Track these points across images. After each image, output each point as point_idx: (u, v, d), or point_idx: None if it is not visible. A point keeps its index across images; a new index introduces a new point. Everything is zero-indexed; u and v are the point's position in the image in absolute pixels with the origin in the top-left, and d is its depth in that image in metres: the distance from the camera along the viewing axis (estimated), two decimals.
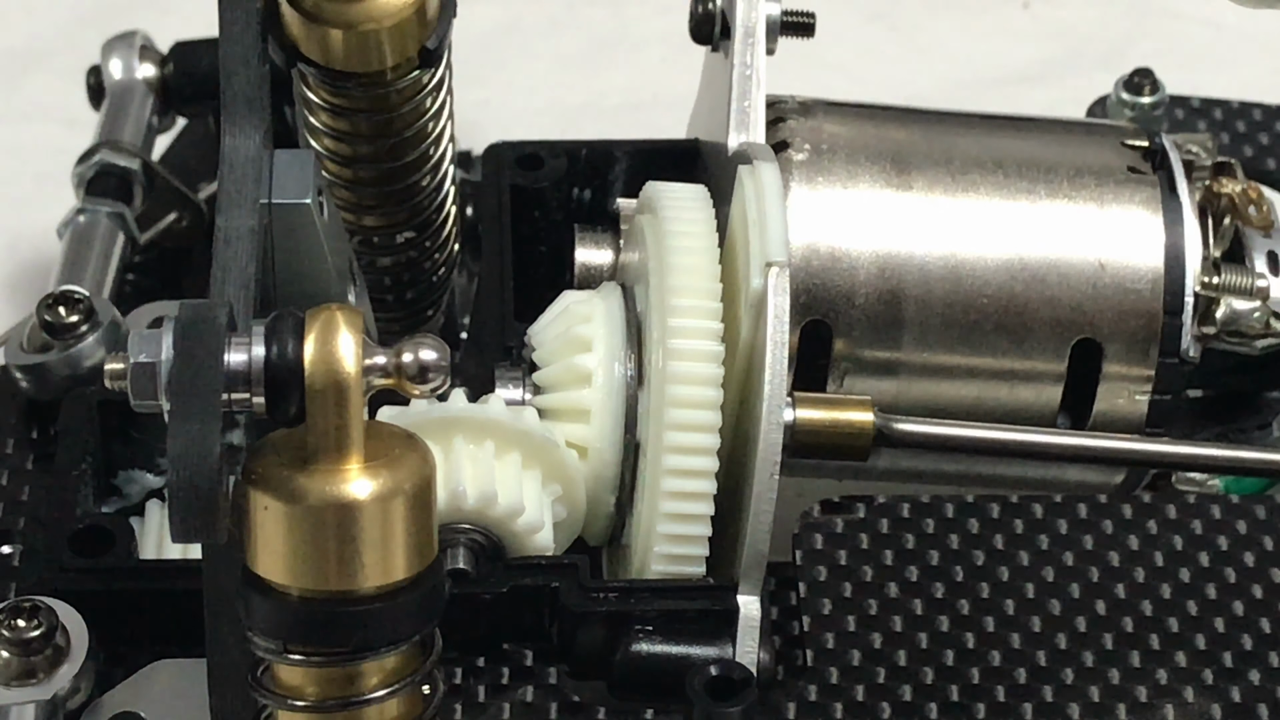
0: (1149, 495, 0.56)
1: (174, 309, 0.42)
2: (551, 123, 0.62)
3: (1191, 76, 0.62)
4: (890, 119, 0.58)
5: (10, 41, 0.78)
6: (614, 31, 0.78)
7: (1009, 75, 0.75)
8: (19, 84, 0.76)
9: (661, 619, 0.51)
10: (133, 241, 0.64)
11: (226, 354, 0.41)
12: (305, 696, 0.44)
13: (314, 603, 0.43)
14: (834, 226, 0.56)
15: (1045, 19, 0.79)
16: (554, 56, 0.77)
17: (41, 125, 0.72)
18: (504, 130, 0.62)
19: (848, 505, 0.55)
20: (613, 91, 0.71)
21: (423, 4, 0.54)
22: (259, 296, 0.47)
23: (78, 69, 0.68)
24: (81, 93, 0.68)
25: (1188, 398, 0.57)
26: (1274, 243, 0.58)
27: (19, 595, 0.51)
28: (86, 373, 0.56)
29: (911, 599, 0.53)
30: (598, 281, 0.57)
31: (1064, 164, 0.57)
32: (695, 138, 0.60)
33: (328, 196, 0.51)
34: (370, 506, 0.42)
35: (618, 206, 0.59)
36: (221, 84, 0.50)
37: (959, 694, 0.52)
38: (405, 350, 0.41)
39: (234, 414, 0.41)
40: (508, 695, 0.51)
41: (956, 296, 0.56)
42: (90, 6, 0.77)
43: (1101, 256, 0.56)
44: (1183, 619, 0.53)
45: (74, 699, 0.51)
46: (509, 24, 0.74)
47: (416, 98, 0.56)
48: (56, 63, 0.74)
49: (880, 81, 0.60)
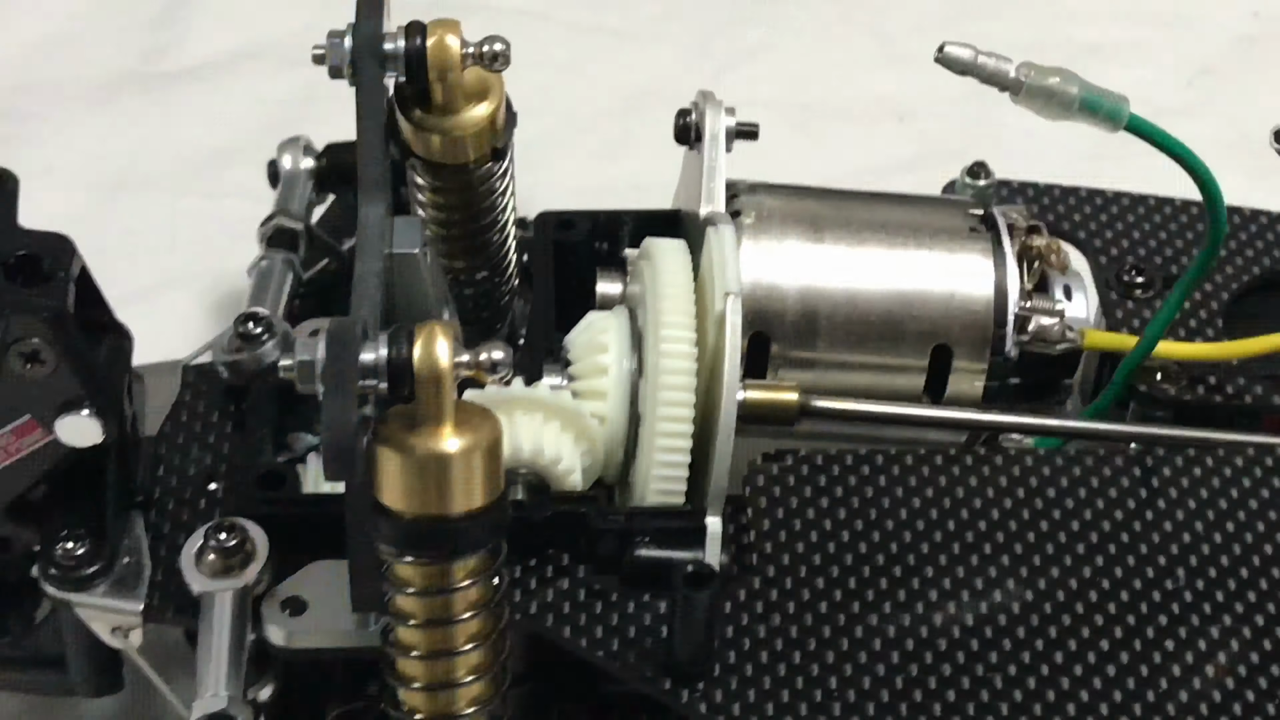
0: (984, 450, 0.58)
1: (326, 324, 0.44)
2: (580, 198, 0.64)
3: (1012, 166, 0.65)
4: (808, 195, 0.61)
5: (218, 143, 0.80)
6: (622, 138, 0.81)
7: (889, 166, 0.78)
8: (224, 172, 0.78)
9: (655, 533, 0.53)
10: (298, 278, 0.66)
11: (361, 354, 0.43)
12: (414, 586, 0.46)
13: (420, 522, 0.44)
14: (771, 268, 0.58)
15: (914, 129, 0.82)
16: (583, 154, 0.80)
17: (238, 200, 0.74)
18: (548, 203, 0.63)
19: (780, 455, 0.57)
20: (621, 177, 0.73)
21: (494, 117, 0.56)
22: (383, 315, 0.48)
23: (261, 161, 0.70)
24: (264, 178, 0.70)
25: (1010, 383, 0.59)
26: (1067, 279, 0.60)
27: (222, 517, 0.53)
28: (267, 367, 0.57)
29: (825, 518, 0.55)
30: (612, 306, 0.59)
31: (926, 225, 0.59)
32: (678, 208, 0.62)
33: (430, 248, 0.52)
34: (458, 457, 0.43)
35: (625, 254, 0.61)
36: (358, 172, 0.52)
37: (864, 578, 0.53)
38: (482, 351, 0.44)
39: (366, 395, 0.43)
40: (551, 584, 0.53)
41: (853, 316, 0.58)
42: (271, 119, 0.78)
43: (952, 289, 0.58)
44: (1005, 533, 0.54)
45: (257, 588, 0.52)
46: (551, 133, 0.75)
47: (490, 181, 0.58)
48: (248, 157, 0.75)
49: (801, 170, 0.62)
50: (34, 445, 0.52)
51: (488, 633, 0.47)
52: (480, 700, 0.48)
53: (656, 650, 0.51)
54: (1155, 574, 0.54)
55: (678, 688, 0.51)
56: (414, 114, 0.56)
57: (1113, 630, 0.53)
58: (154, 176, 0.80)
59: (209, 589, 0.52)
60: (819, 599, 0.53)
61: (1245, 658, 0.52)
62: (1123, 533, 0.55)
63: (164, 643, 0.56)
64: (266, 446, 0.56)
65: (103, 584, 0.53)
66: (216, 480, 0.57)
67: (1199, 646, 0.52)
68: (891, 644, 0.52)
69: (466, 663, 0.47)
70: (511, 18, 0.86)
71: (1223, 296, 0.62)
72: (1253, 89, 0.86)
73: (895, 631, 0.52)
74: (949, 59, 0.53)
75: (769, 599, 0.53)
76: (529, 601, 0.52)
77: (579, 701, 0.57)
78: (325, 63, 0.53)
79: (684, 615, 0.50)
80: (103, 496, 0.54)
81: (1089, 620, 0.53)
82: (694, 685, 0.51)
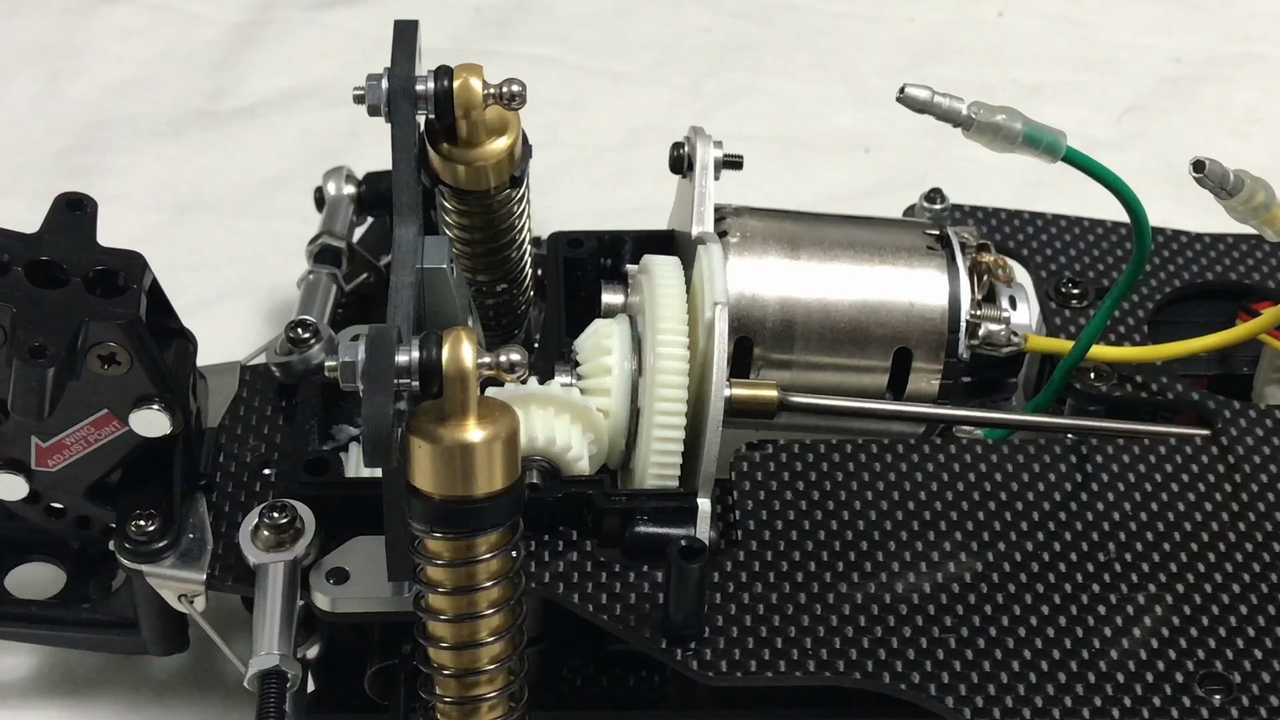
0: (939, 440, 0.58)
1: (366, 330, 0.44)
2: (587, 220, 0.63)
3: (964, 192, 0.64)
4: (786, 217, 0.60)
5: (271, 172, 0.80)
6: (623, 167, 0.81)
7: (858, 192, 0.77)
8: (276, 197, 0.78)
9: (652, 512, 0.53)
10: (341, 290, 0.66)
11: (397, 356, 0.43)
12: (442, 558, 0.46)
13: (447, 502, 0.44)
14: (753, 282, 0.57)
15: (878, 160, 0.81)
16: (589, 182, 0.79)
17: (288, 222, 0.73)
18: (560, 224, 0.63)
19: (761, 444, 0.56)
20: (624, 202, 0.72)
21: (512, 150, 0.56)
22: (415, 323, 0.49)
23: (308, 188, 0.70)
24: (311, 202, 0.70)
25: (963, 382, 0.58)
26: (1012, 291, 0.60)
27: (275, 498, 0.53)
28: (314, 368, 0.58)
29: (800, 499, 0.55)
30: (615, 314, 0.58)
31: (889, 244, 0.59)
32: (673, 229, 0.61)
33: (455, 264, 0.53)
34: (481, 446, 0.43)
35: (627, 269, 0.61)
36: (393, 197, 0.52)
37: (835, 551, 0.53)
38: (501, 354, 0.43)
39: (400, 391, 0.43)
40: (562, 557, 0.53)
41: (825, 323, 0.57)
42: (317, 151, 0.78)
43: (911, 299, 0.58)
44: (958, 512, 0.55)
45: (305, 560, 0.52)
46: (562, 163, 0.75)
47: (508, 205, 0.58)
48: (297, 185, 0.74)
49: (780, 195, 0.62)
50: (111, 435, 0.52)
51: (507, 599, 0.47)
52: (500, 658, 0.48)
53: (654, 614, 0.51)
54: (1089, 547, 0.54)
55: (672, 647, 0.51)
56: (442, 147, 0.55)
57: (1053, 596, 0.52)
58: (215, 201, 0.80)
59: (263, 561, 0.52)
60: (796, 569, 0.53)
61: (1168, 620, 0.52)
62: (1061, 511, 0.55)
63: (224, 608, 0.56)
64: (313, 437, 0.56)
65: (170, 556, 0.53)
66: (270, 466, 0.56)
67: (1127, 610, 0.52)
68: (859, 608, 0.52)
69: (488, 625, 0.47)
70: (527, 62, 0.87)
71: (1148, 306, 0.62)
72: (1175, 125, 0.85)
73: (862, 598, 0.52)
74: (908, 99, 0.53)
75: (752, 569, 0.53)
76: (542, 572, 0.52)
77: (586, 659, 0.57)
78: (365, 102, 0.53)
79: (677, 584, 0.50)
80: (171, 480, 0.54)
81: (1031, 587, 0.53)
82: (686, 645, 0.51)
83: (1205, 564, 0.54)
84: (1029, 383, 0.62)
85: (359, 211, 0.69)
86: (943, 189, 0.64)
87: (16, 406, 0.51)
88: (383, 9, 0.89)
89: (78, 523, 0.56)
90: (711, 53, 0.89)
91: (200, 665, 0.59)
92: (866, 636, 0.51)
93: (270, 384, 0.59)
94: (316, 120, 0.84)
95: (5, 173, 0.80)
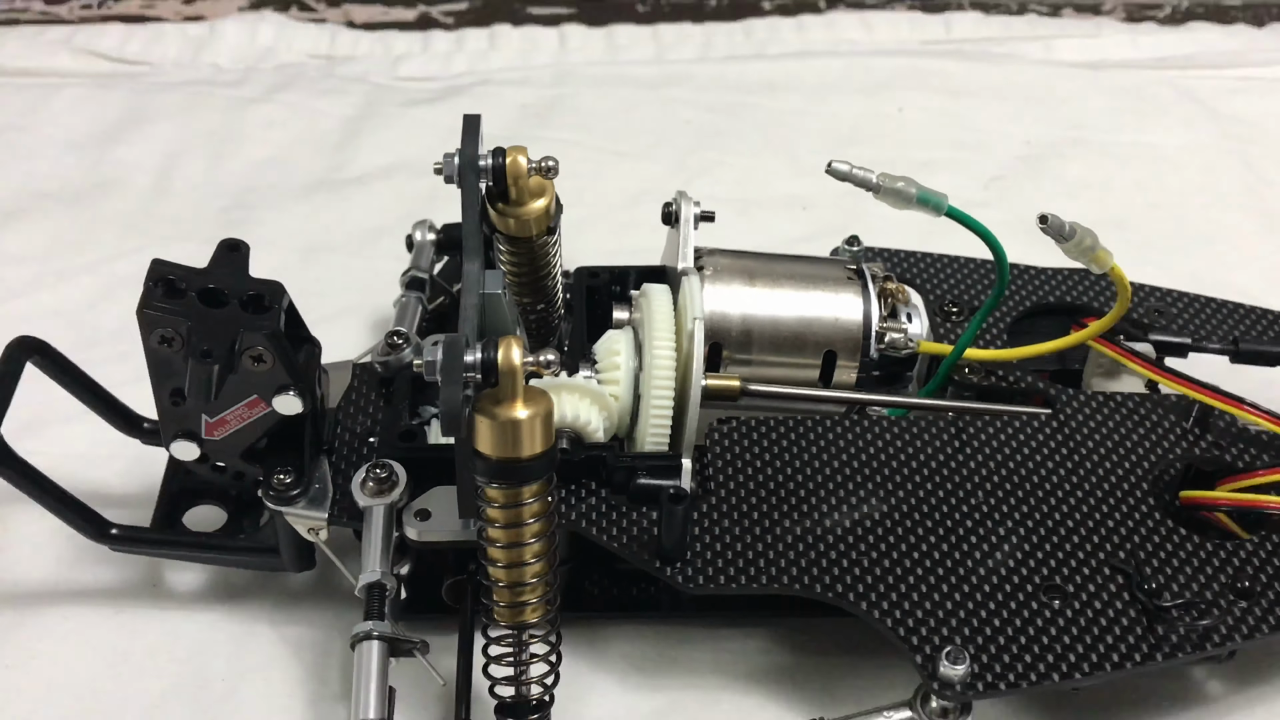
0: (856, 416, 0.57)
1: (443, 338, 0.43)
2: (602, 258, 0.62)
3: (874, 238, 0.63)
4: (746, 256, 0.59)
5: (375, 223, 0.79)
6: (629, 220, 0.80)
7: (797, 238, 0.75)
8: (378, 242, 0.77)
9: (649, 469, 0.52)
10: (424, 309, 0.64)
11: (465, 357, 0.43)
12: (498, 502, 0.45)
13: (502, 462, 0.44)
14: (722, 303, 0.56)
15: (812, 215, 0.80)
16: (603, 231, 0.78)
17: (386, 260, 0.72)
18: (582, 260, 0.62)
19: (728, 420, 0.56)
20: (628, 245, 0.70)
21: (548, 208, 0.55)
22: (478, 332, 0.48)
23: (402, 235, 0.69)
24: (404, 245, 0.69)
25: (873, 375, 0.57)
26: (909, 309, 0.58)
27: (377, 459, 0.53)
28: (405, 365, 0.57)
29: (757, 459, 0.54)
30: (622, 326, 0.57)
31: (820, 276, 0.58)
32: (664, 265, 0.60)
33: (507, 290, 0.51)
34: (525, 421, 0.43)
35: (631, 294, 0.60)
36: (463, 242, 0.52)
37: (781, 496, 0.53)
38: (540, 355, 0.44)
39: (467, 382, 0.43)
40: (584, 501, 0.52)
41: (775, 333, 0.56)
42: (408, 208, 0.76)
43: (836, 315, 0.57)
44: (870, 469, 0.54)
45: (399, 503, 0.52)
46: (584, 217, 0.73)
47: (546, 248, 0.57)
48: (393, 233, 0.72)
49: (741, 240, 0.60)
50: (259, 414, 0.52)
51: (544, 531, 0.47)
52: (540, 574, 0.48)
53: (650, 542, 0.51)
54: (964, 494, 0.54)
55: (663, 566, 0.51)
56: (498, 205, 0.55)
57: (938, 529, 0.53)
58: (334, 245, 0.79)
59: (369, 504, 0.52)
60: (753, 510, 0.53)
61: (1020, 547, 0.52)
62: (944, 468, 0.55)
63: (340, 538, 0.56)
64: (405, 415, 0.56)
65: (302, 501, 0.53)
66: (373, 436, 0.56)
67: (992, 540, 0.52)
68: (799, 538, 0.52)
69: (531, 550, 0.47)
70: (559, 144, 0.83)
71: (1006, 320, 0.62)
72: (1026, 190, 0.85)
73: (801, 530, 0.52)
74: (834, 171, 0.52)
75: (721, 510, 0.53)
76: (570, 511, 0.52)
77: (602, 575, 0.57)
78: (442, 173, 0.53)
79: (667, 520, 0.50)
80: (302, 445, 0.54)
81: (923, 523, 0.53)
82: (674, 564, 0.51)
83: (1048, 505, 0.53)
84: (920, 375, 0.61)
85: (438, 252, 0.68)
86: (859, 236, 0.63)
87: (191, 393, 0.51)
88: (455, 106, 0.89)
89: (235, 477, 0.56)
90: (691, 138, 0.89)
91: (323, 580, 0.59)
92: (804, 558, 0.51)
93: (374, 377, 0.58)
94: (407, 186, 0.83)
95: (184, 224, 0.80)
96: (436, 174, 0.53)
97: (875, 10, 1.00)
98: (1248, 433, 0.56)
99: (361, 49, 0.96)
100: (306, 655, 0.55)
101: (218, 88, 0.90)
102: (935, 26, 0.99)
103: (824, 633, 0.56)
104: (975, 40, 0.97)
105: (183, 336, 0.49)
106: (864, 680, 0.54)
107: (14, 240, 0.77)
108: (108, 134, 0.86)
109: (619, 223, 0.80)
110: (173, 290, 0.50)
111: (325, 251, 0.79)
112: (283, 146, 0.87)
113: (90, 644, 0.56)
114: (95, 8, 0.98)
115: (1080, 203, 0.83)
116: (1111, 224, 0.63)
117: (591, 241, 0.76)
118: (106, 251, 0.77)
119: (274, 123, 0.88)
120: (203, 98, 0.89)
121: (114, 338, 0.68)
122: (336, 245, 0.79)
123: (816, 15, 0.99)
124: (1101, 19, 1.01)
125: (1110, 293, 0.63)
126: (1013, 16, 1.00)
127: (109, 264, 0.75)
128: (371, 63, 0.95)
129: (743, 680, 0.55)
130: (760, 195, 0.83)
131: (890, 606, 0.50)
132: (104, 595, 0.57)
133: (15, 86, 0.89)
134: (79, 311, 0.72)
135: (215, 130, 0.87)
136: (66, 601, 0.57)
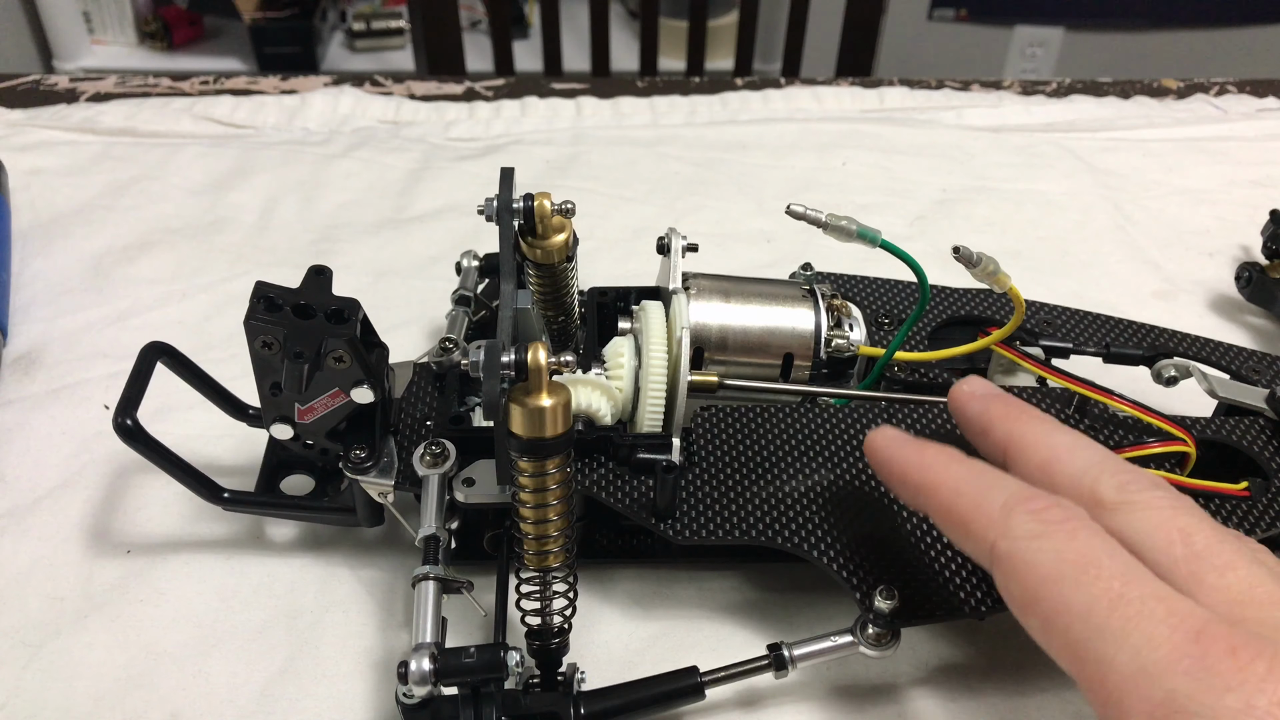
0: (810, 405, 0.56)
1: (485, 343, 0.43)
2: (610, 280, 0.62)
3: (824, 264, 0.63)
4: (723, 279, 0.56)
5: (431, 253, 0.77)
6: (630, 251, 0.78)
7: (763, 264, 0.75)
8: (434, 267, 0.76)
9: (647, 446, 0.51)
10: (470, 321, 0.62)
11: (501, 357, 0.42)
12: (527, 472, 0.44)
13: (531, 440, 0.43)
14: (704, 315, 0.55)
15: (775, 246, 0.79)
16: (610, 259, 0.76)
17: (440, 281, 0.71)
18: (594, 282, 0.60)
19: (709, 408, 0.55)
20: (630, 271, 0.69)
21: (568, 240, 0.54)
22: (512, 339, 0.48)
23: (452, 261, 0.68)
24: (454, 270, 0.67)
25: (822, 372, 0.56)
26: (851, 320, 0.57)
27: (432, 438, 0.52)
28: (455, 364, 0.55)
29: (733, 437, 0.53)
30: (626, 334, 0.56)
31: (781, 294, 0.56)
32: (659, 285, 0.59)
33: (535, 306, 0.52)
34: (549, 409, 0.42)
35: (633, 308, 0.57)
36: (500, 267, 0.52)
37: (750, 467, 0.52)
38: (560, 356, 0.43)
39: (504, 377, 0.42)
40: (595, 471, 0.51)
41: (745, 339, 0.55)
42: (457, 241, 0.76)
43: (794, 325, 0.55)
44: (821, 445, 0.53)
45: (450, 473, 0.51)
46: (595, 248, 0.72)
47: (566, 273, 0.56)
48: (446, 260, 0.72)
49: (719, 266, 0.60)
50: (340, 403, 0.52)
51: (565, 495, 0.46)
52: (560, 529, 0.47)
53: (648, 503, 0.50)
54: None
55: (658, 522, 0.50)
56: (527, 239, 0.54)
57: (873, 493, 0.52)
58: (399, 270, 0.78)
59: (426, 474, 0.51)
60: (728, 479, 0.52)
61: None
62: None
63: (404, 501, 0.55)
64: (455, 403, 0.55)
65: (374, 471, 0.52)
66: (430, 420, 0.54)
67: None
68: (764, 500, 0.51)
69: (554, 510, 0.46)
70: (576, 191, 0.85)
71: (927, 329, 0.61)
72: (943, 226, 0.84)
73: (767, 494, 0.51)
74: (792, 212, 0.52)
75: (703, 480, 0.52)
76: (584, 479, 0.51)
77: (610, 529, 0.56)
78: (484, 214, 0.53)
79: (660, 486, 0.49)
80: (374, 428, 0.53)
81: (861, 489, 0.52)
82: (666, 521, 0.50)
83: None
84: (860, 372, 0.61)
85: (480, 276, 0.67)
86: (811, 263, 0.62)
87: (286, 386, 0.51)
88: (493, 161, 0.89)
89: (321, 452, 0.55)
90: (680, 186, 0.88)
91: (390, 533, 0.58)
92: (768, 516, 0.50)
93: (430, 373, 0.57)
94: (457, 224, 0.82)
95: (281, 253, 0.80)
96: (479, 214, 0.52)
97: (824, 85, 1.02)
98: (1116, 418, 0.56)
99: (420, 116, 0.97)
100: (377, 592, 0.55)
101: (307, 146, 0.91)
102: (871, 98, 0.99)
103: (784, 575, 0.56)
104: (903, 109, 0.98)
105: (280, 342, 0.50)
106: (816, 612, 0.54)
107: (148, 266, 0.78)
108: (221, 183, 0.86)
109: (623, 252, 0.80)
110: (272, 305, 0.50)
111: (392, 275, 0.78)
112: (359, 192, 0.87)
113: (206, 583, 0.56)
114: (211, 84, 1.00)
115: (985, 237, 0.83)
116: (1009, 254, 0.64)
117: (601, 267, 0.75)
118: (220, 275, 0.77)
119: (351, 174, 0.88)
120: (296, 154, 0.90)
121: (226, 343, 0.68)
122: (400, 270, 0.79)
123: (778, 89, 1.01)
124: (1002, 92, 1.02)
125: (1009, 308, 0.63)
126: (932, 90, 1.02)
127: (222, 285, 0.76)
128: (428, 127, 0.95)
129: (719, 612, 0.55)
130: (734, 230, 0.83)
131: (836, 554, 0.49)
132: (217, 545, 0.58)
133: (148, 145, 0.90)
134: (198, 322, 0.72)
135: (305, 180, 0.88)
136: (188, 550, 0.57)
